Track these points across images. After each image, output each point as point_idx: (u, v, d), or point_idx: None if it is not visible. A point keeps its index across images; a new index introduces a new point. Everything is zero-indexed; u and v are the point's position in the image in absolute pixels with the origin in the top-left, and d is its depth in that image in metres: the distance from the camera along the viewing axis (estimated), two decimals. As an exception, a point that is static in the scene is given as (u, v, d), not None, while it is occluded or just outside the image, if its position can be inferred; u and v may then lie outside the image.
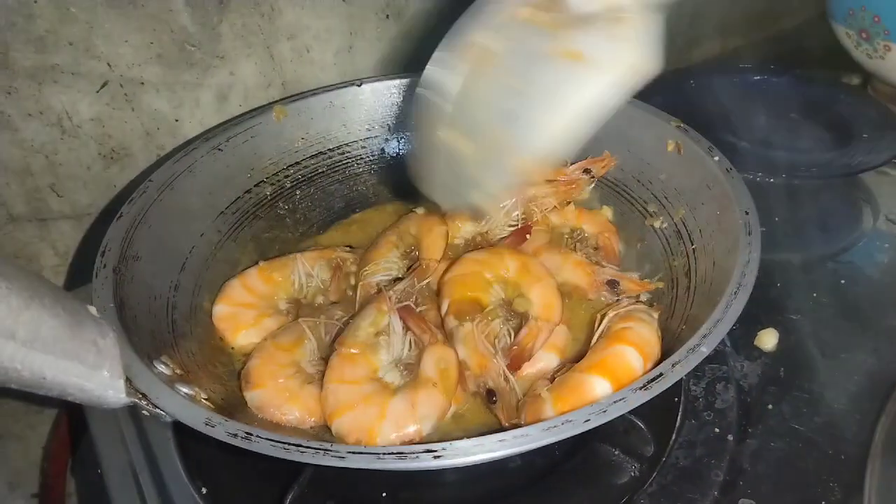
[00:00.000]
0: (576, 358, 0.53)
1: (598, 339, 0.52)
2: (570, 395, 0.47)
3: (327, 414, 0.49)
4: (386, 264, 0.63)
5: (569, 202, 0.68)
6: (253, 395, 0.52)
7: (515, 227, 0.64)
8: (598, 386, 0.46)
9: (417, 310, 0.57)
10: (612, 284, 0.60)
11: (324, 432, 0.51)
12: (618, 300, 0.59)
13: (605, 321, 0.54)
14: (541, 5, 0.38)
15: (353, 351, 0.52)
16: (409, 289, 0.58)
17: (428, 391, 0.50)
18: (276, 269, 0.63)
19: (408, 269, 0.62)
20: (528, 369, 0.54)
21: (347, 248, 0.68)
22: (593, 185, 0.68)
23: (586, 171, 0.67)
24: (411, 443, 0.48)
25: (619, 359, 0.48)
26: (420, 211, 0.70)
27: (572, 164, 0.68)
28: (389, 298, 0.55)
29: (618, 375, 0.47)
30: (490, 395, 0.51)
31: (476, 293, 0.57)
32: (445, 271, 0.61)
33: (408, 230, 0.67)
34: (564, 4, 0.38)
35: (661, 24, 0.39)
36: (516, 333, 0.55)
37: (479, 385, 0.52)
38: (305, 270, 0.63)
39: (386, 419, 0.48)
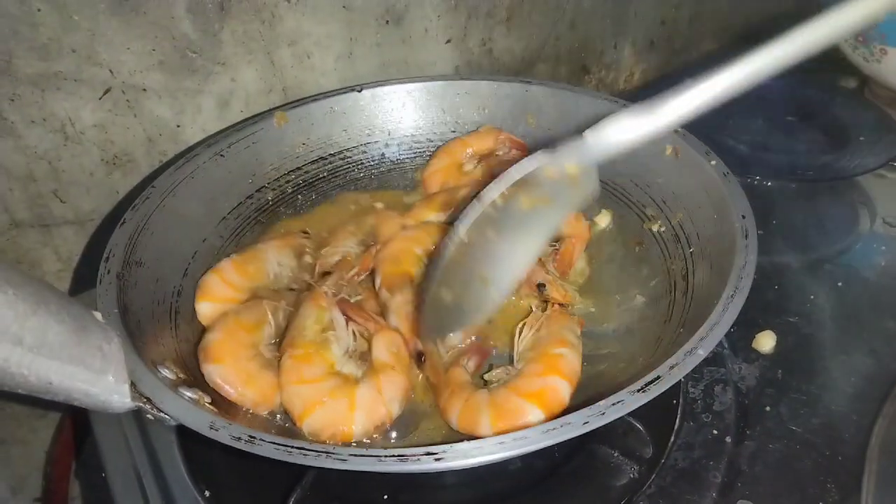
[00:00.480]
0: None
1: (530, 353, 0.54)
2: (507, 416, 0.49)
3: (296, 415, 0.50)
4: (343, 250, 0.65)
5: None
6: (212, 370, 0.52)
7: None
8: (532, 414, 0.48)
9: (353, 300, 0.60)
10: (540, 287, 0.60)
11: (280, 422, 0.53)
12: (544, 305, 0.60)
13: (531, 331, 0.56)
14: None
15: (304, 351, 0.53)
16: (340, 281, 0.60)
17: (388, 375, 0.52)
18: (248, 262, 0.62)
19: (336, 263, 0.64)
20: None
21: (304, 234, 0.68)
22: None
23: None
24: (383, 426, 0.50)
25: (554, 393, 0.50)
26: (380, 206, 0.72)
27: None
28: (325, 294, 0.57)
29: (551, 407, 0.49)
30: (419, 357, 0.55)
31: (405, 267, 0.61)
32: (379, 250, 0.63)
33: (366, 220, 0.68)
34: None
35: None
36: None
37: (409, 348, 0.56)
38: (276, 259, 0.63)
39: (357, 409, 0.49)
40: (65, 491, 0.77)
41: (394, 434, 0.53)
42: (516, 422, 0.48)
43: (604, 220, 0.68)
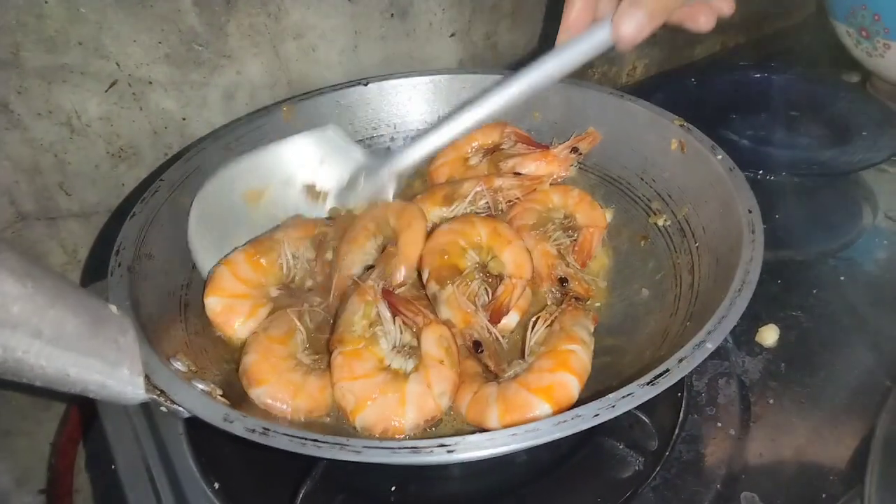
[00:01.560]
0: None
1: (541, 348, 0.54)
2: (515, 410, 0.49)
3: (349, 411, 0.50)
4: (363, 256, 0.63)
5: (555, 180, 0.69)
6: (259, 393, 0.51)
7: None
8: (540, 409, 0.48)
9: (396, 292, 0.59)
10: (563, 282, 0.61)
11: (339, 424, 0.52)
12: (563, 299, 0.60)
13: (544, 325, 0.56)
14: None
15: (353, 347, 0.53)
16: (384, 274, 0.59)
17: (438, 369, 0.51)
18: (262, 254, 0.61)
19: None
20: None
21: (327, 221, 0.66)
22: (579, 161, 0.70)
23: (574, 149, 0.69)
24: (433, 420, 0.50)
25: (563, 388, 0.50)
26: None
27: (559, 143, 0.70)
28: (372, 288, 0.56)
29: (559, 402, 0.49)
30: (476, 347, 0.55)
31: (453, 259, 0.60)
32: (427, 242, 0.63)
33: (386, 221, 0.65)
34: None
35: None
36: (493, 292, 0.59)
37: (465, 338, 0.55)
38: (291, 251, 0.62)
39: (407, 404, 0.49)
40: (69, 482, 0.78)
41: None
42: (524, 416, 0.48)
43: (606, 216, 0.68)
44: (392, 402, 0.49)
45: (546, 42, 1.00)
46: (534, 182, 0.67)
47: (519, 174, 0.68)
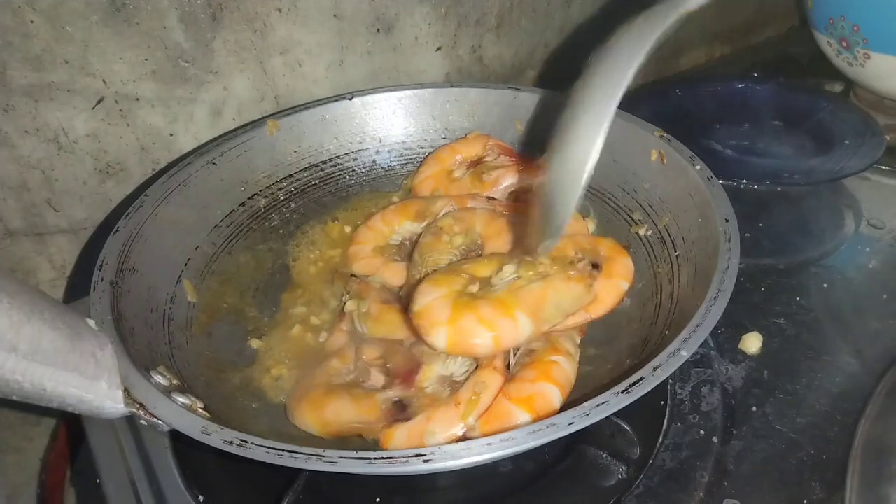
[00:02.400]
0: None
1: (526, 357, 0.54)
2: (496, 420, 0.49)
3: None
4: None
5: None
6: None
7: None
8: (521, 418, 0.49)
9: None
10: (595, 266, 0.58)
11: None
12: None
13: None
14: None
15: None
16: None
17: (448, 410, 0.49)
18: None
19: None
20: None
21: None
22: None
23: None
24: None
25: (544, 399, 0.50)
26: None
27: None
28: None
29: (540, 412, 0.49)
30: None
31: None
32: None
33: (473, 225, 0.64)
34: None
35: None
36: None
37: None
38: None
39: (402, 428, 0.49)
40: (59, 499, 0.78)
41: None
42: (504, 425, 0.48)
43: (589, 227, 0.69)
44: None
45: (533, 57, 1.01)
46: (505, 208, 0.67)
47: (492, 199, 0.68)
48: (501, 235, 0.62)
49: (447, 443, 0.46)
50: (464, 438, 0.49)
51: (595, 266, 0.56)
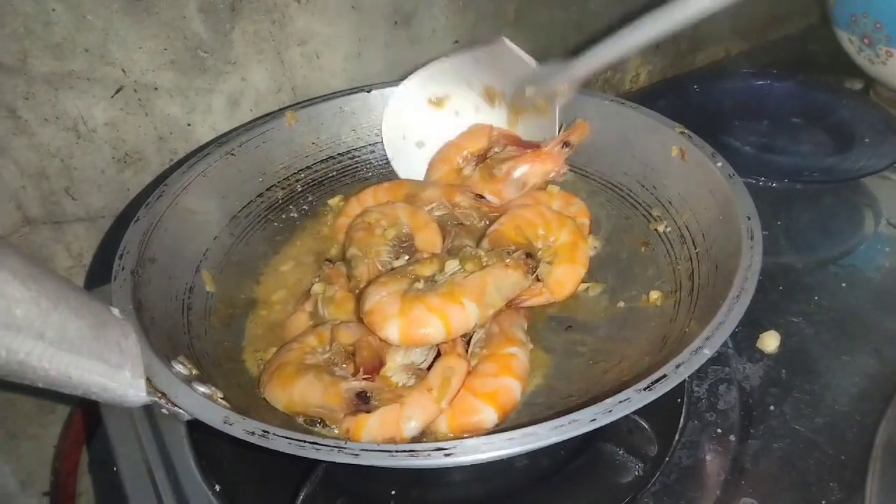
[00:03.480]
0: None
1: (482, 350, 0.55)
2: (462, 415, 0.51)
3: None
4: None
5: (551, 181, 0.70)
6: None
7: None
8: (486, 413, 0.50)
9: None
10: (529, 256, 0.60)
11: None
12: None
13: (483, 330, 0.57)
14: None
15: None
16: None
17: (421, 395, 0.51)
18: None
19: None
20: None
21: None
22: (566, 169, 0.70)
23: (565, 143, 0.68)
24: (391, 441, 0.49)
25: (507, 393, 0.52)
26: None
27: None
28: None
29: (504, 406, 0.51)
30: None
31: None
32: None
33: (398, 219, 0.66)
34: None
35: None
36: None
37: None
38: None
39: (374, 416, 0.50)
40: (73, 485, 0.78)
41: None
42: (471, 420, 0.50)
43: (593, 244, 0.69)
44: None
45: (551, 51, 1.00)
46: (494, 209, 0.67)
47: (481, 197, 0.68)
48: (428, 227, 0.66)
49: (424, 428, 0.49)
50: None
51: (529, 255, 0.59)
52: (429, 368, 0.54)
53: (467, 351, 0.55)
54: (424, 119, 0.75)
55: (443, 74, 0.73)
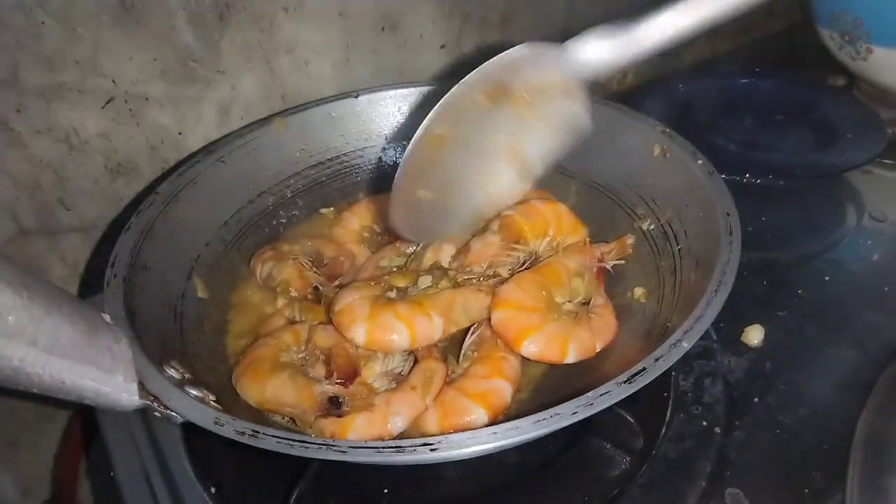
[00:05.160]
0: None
1: (474, 353, 0.57)
2: (453, 415, 0.52)
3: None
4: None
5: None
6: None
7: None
8: (477, 413, 0.52)
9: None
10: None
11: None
12: None
13: (476, 332, 0.59)
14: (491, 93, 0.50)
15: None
16: None
17: (405, 393, 0.53)
18: None
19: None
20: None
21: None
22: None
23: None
24: (379, 438, 0.51)
25: (498, 394, 0.53)
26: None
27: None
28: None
29: (495, 407, 0.52)
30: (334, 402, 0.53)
31: None
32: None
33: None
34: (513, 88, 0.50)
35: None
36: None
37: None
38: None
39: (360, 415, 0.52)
40: (73, 492, 0.79)
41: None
42: (461, 420, 0.51)
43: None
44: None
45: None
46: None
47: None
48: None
49: (411, 424, 0.51)
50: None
51: (499, 281, 0.61)
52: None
53: (459, 354, 0.57)
54: None
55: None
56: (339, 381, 0.53)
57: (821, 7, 0.96)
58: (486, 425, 0.50)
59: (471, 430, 0.39)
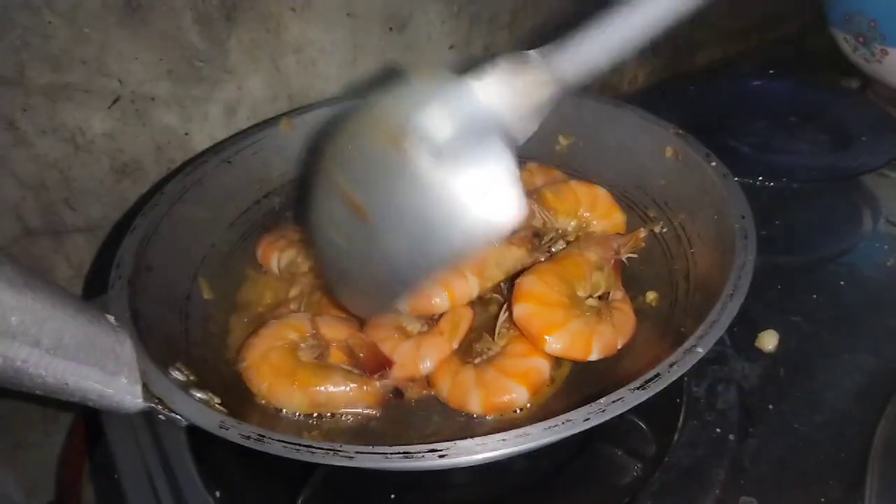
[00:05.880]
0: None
1: (510, 331, 0.57)
2: (495, 394, 0.53)
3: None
4: None
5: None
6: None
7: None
8: (518, 392, 0.53)
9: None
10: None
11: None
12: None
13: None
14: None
15: None
16: None
17: (433, 338, 0.56)
18: None
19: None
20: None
21: None
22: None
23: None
24: (411, 378, 0.56)
25: (538, 373, 0.54)
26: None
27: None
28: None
29: (535, 385, 0.54)
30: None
31: None
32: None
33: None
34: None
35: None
36: None
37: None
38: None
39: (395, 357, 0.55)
40: (77, 494, 0.78)
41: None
42: (502, 399, 0.53)
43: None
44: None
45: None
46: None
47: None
48: None
49: (438, 365, 0.55)
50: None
51: (535, 234, 0.61)
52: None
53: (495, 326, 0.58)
54: None
55: None
56: (378, 373, 0.54)
57: (835, 9, 0.95)
58: (527, 403, 0.53)
59: (480, 437, 0.39)
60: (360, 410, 0.54)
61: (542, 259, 0.61)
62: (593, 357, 0.54)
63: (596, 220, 0.66)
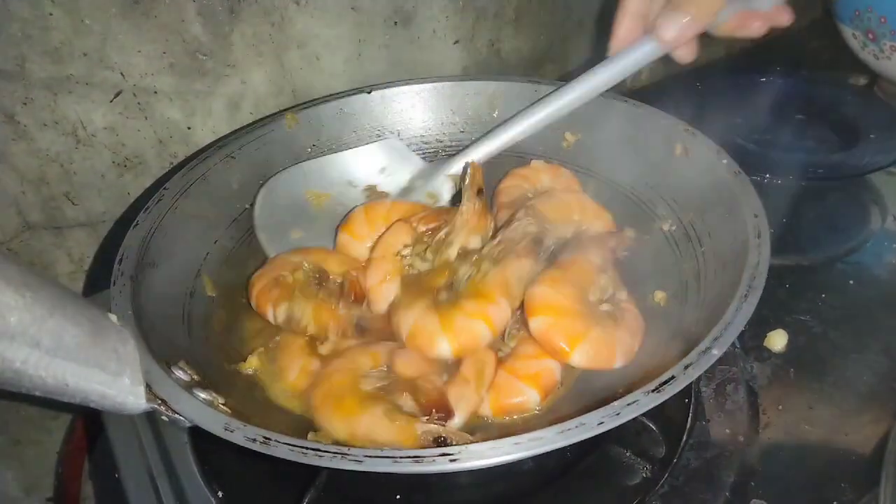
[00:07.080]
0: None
1: (522, 332, 0.56)
2: (505, 398, 0.52)
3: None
4: None
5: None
6: None
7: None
8: (529, 394, 0.52)
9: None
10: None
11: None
12: None
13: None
14: None
15: None
16: None
17: (462, 387, 0.52)
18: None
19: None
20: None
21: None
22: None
23: (477, 193, 0.63)
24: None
25: (549, 375, 0.53)
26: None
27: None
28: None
29: (546, 387, 0.52)
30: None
31: None
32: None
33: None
34: None
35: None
36: None
37: None
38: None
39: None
40: (76, 491, 0.78)
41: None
42: (514, 401, 0.52)
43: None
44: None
45: (552, 50, 1.00)
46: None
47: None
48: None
49: (469, 418, 0.50)
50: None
51: (537, 241, 0.60)
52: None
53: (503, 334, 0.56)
54: (301, 212, 0.68)
55: (324, 173, 0.69)
56: (438, 417, 0.50)
57: (843, 5, 0.94)
58: (539, 405, 0.52)
59: (492, 441, 0.38)
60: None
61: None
62: (617, 365, 0.53)
63: (588, 222, 0.65)
